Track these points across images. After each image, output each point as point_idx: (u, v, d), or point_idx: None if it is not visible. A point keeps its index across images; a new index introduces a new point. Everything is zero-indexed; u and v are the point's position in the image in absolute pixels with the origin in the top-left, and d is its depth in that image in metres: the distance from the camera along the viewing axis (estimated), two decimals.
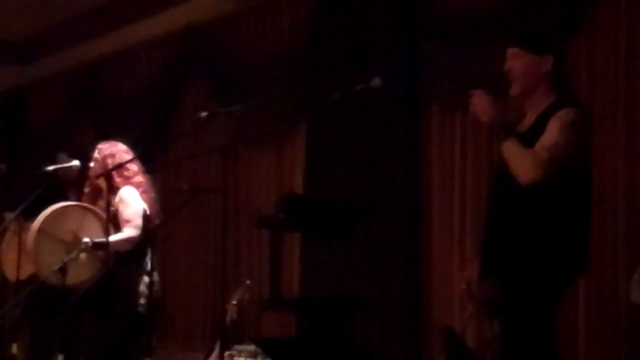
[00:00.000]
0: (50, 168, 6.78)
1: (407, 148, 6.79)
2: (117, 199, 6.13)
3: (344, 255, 6.70)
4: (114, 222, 6.08)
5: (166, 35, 9.23)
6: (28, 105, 11.64)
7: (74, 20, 10.05)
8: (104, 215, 6.11)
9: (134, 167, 6.32)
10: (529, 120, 4.26)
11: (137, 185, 6.25)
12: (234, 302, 7.15)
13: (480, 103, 4.24)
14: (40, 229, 6.07)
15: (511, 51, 4.29)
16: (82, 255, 5.93)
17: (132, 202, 6.13)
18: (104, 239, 5.88)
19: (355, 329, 5.80)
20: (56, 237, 6.08)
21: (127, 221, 6.08)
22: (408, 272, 6.71)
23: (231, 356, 6.97)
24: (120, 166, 6.18)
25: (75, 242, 6.04)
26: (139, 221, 6.10)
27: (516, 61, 4.25)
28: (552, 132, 4.06)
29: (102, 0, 9.51)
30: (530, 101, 4.26)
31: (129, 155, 6.34)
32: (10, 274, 7.02)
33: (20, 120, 11.62)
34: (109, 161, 6.27)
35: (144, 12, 9.32)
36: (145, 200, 6.22)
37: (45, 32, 10.58)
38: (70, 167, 6.86)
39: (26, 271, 6.72)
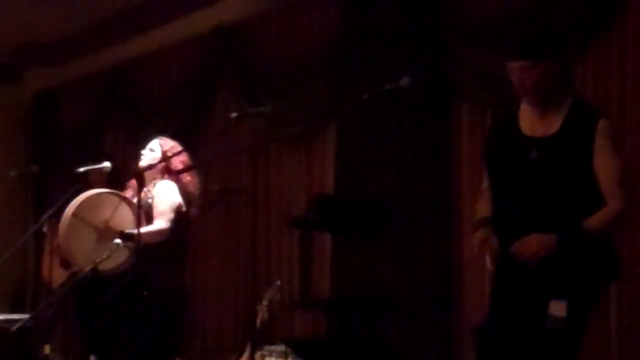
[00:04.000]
0: (82, 169, 6.81)
1: (437, 147, 6.77)
2: (154, 191, 6.17)
3: (375, 255, 6.70)
4: (148, 214, 6.11)
5: (197, 37, 9.26)
6: (60, 106, 11.71)
7: (106, 22, 10.11)
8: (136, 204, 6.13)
9: (180, 165, 6.36)
10: (551, 123, 4.18)
11: (183, 183, 6.27)
12: (265, 303, 7.16)
13: (532, 249, 4.02)
14: (74, 214, 6.10)
15: (517, 64, 4.12)
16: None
17: (167, 195, 6.16)
18: (134, 231, 5.91)
19: (386, 329, 5.80)
20: (89, 223, 6.11)
21: (160, 213, 6.11)
22: (439, 272, 6.69)
23: (262, 356, 6.98)
24: (175, 155, 6.24)
25: (106, 231, 6.07)
26: (171, 215, 6.13)
27: (527, 73, 4.10)
28: (609, 159, 4.05)
29: (134, 2, 9.56)
30: (548, 106, 4.20)
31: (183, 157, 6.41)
32: (49, 278, 7.07)
33: (52, 122, 11.69)
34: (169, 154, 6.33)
35: (174, 14, 9.36)
36: (187, 198, 6.25)
37: (77, 34, 10.64)
38: (102, 168, 6.90)
39: (60, 276, 6.76)
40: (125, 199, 6.23)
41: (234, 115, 5.70)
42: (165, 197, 6.15)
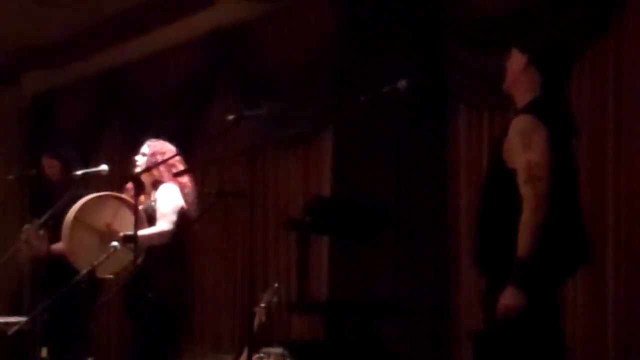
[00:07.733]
0: (79, 173, 6.80)
1: (435, 150, 6.77)
2: (157, 193, 6.17)
3: (372, 258, 6.69)
4: (152, 217, 6.11)
5: (193, 40, 9.26)
6: (57, 109, 11.69)
7: (102, 24, 10.09)
8: (139, 207, 6.14)
9: (180, 165, 6.36)
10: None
11: (181, 184, 6.28)
12: (262, 305, 7.15)
13: (502, 313, 4.09)
14: (76, 217, 6.10)
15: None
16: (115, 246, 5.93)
17: (170, 198, 6.17)
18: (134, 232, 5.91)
19: (383, 332, 5.80)
20: (91, 227, 6.11)
21: (162, 215, 6.12)
22: (436, 275, 6.69)
23: (259, 359, 6.97)
24: (167, 160, 6.22)
25: (107, 234, 6.07)
26: (173, 217, 6.13)
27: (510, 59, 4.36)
28: (518, 155, 4.08)
29: (130, 5, 9.55)
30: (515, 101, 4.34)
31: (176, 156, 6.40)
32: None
33: (49, 125, 11.68)
34: (159, 157, 6.31)
35: (171, 17, 9.34)
36: (186, 200, 6.26)
37: (74, 37, 10.62)
38: (99, 171, 6.89)
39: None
40: (125, 202, 6.23)
41: (231, 117, 5.70)
42: (167, 199, 6.16)
